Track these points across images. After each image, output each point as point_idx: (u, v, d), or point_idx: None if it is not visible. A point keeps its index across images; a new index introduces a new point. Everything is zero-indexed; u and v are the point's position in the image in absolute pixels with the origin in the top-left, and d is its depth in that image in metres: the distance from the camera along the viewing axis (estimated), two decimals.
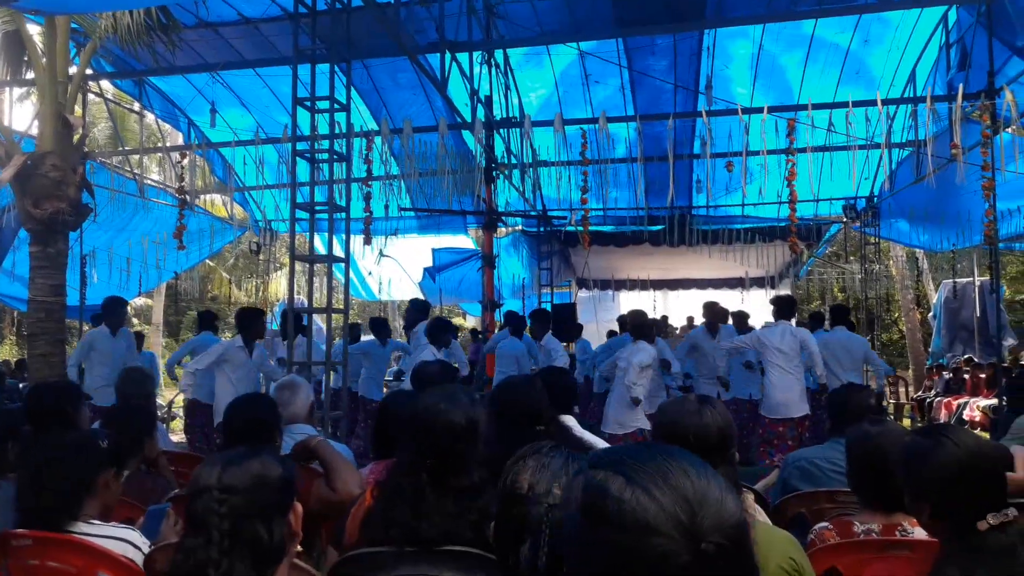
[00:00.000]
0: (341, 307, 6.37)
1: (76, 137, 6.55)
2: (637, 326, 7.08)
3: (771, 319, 7.67)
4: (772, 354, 7.08)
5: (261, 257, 14.97)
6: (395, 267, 14.05)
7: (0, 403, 8.45)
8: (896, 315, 22.23)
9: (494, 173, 10.17)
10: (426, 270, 13.14)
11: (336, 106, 6.13)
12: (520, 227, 13.88)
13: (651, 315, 8.91)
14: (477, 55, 8.97)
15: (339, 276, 11.09)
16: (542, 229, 13.29)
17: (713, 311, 8.90)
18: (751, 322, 9.72)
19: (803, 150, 7.78)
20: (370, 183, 9.93)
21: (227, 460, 1.60)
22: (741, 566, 0.87)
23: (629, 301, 17.20)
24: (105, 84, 10.92)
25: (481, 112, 9.04)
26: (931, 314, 17.10)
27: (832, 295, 23.24)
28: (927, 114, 7.71)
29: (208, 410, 7.17)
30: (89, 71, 8.09)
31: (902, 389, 14.39)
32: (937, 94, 8.26)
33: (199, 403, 7.50)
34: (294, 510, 1.63)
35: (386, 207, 10.39)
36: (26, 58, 7.17)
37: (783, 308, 7.39)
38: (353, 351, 9.05)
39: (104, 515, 2.49)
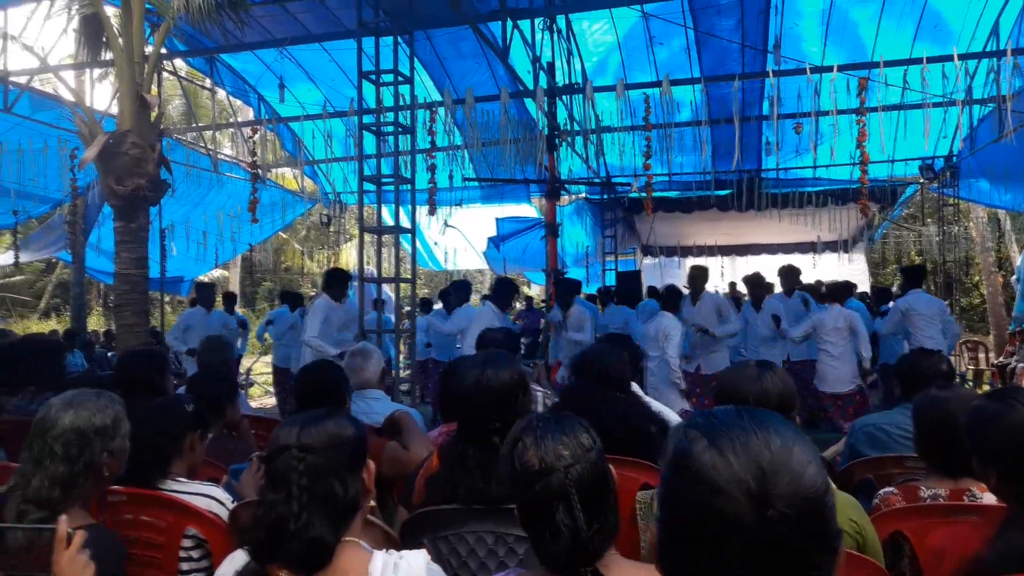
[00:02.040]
0: (408, 276, 6.49)
1: (153, 115, 6.78)
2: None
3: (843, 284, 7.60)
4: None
5: (331, 229, 15.28)
6: (460, 237, 14.19)
7: (92, 371, 8.91)
8: (976, 279, 21.40)
9: (556, 141, 10.12)
10: (490, 239, 13.22)
11: (400, 78, 6.19)
12: (583, 195, 13.82)
13: (719, 282, 8.78)
14: (539, 21, 8.91)
15: (406, 246, 11.27)
16: (605, 196, 13.21)
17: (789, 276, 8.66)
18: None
19: (875, 109, 7.53)
20: (434, 154, 10.02)
21: (304, 421, 1.70)
22: (812, 537, 0.90)
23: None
24: (178, 63, 11.24)
25: (543, 79, 8.99)
26: (1014, 277, 16.38)
27: (909, 259, 22.49)
28: (1010, 68, 7.35)
29: (286, 374, 7.44)
30: (163, 50, 8.35)
31: (982, 355, 13.90)
32: (1021, 47, 7.86)
33: (277, 368, 7.81)
34: (367, 468, 1.72)
35: (450, 177, 10.47)
36: (104, 39, 7.43)
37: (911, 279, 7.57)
38: (422, 324, 9.23)
39: (191, 474, 2.65)
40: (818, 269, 15.11)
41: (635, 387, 3.60)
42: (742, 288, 9.95)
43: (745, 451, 0.91)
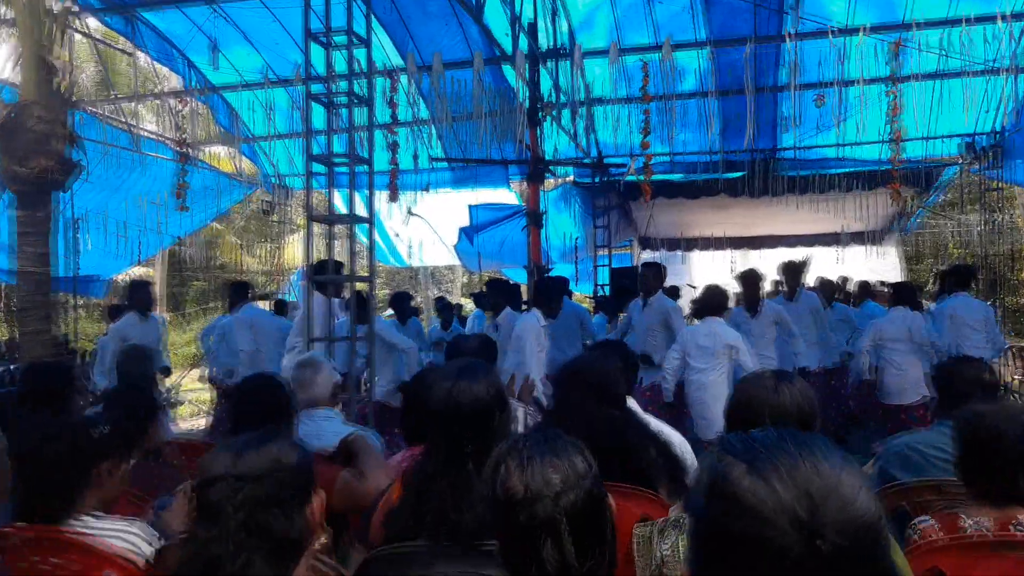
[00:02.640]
0: (366, 274, 6.47)
1: (62, 84, 6.70)
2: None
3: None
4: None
5: (274, 218, 15.19)
6: (426, 228, 14.16)
7: None
8: None
9: (540, 114, 10.14)
10: (462, 230, 13.21)
11: (355, 40, 6.17)
12: (571, 178, 13.84)
13: (730, 279, 8.78)
14: None
15: (363, 239, 11.17)
16: (597, 180, 13.24)
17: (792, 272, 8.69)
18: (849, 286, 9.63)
19: (909, 78, 7.61)
20: (396, 130, 10.01)
21: (241, 445, 1.68)
22: (867, 568, 0.92)
23: (702, 263, 17.08)
24: (92, 21, 11.12)
25: (523, 42, 9.00)
26: None
27: (947, 252, 22.75)
28: None
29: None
30: (73, 6, 8.25)
31: None
32: None
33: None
34: (315, 500, 1.71)
35: (415, 158, 10.47)
36: None
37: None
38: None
39: (106, 509, 2.61)
40: (844, 264, 15.23)
41: (632, 403, 3.61)
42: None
43: (791, 477, 0.94)
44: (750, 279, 8.04)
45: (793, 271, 8.47)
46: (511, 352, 6.71)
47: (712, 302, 6.91)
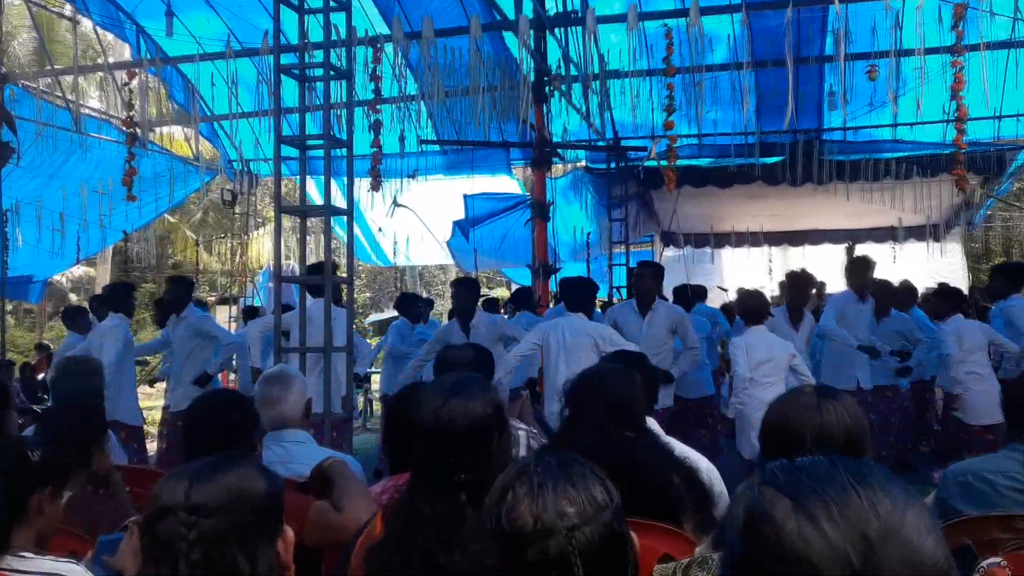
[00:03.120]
0: (344, 275, 6.47)
1: None
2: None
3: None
4: None
5: (237, 210, 15.19)
6: (414, 221, 14.17)
7: None
8: None
9: (547, 90, 10.14)
10: (456, 224, 13.20)
11: (332, 3, 6.18)
12: (583, 163, 13.86)
13: (765, 281, 8.76)
14: None
15: (340, 234, 11.16)
16: (613, 165, 13.26)
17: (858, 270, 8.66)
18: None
19: (977, 47, 7.61)
20: (379, 108, 10.01)
21: (197, 473, 1.68)
22: None
23: (734, 262, 17.07)
24: None
25: (528, 6, 9.01)
26: None
27: (1020, 247, 22.75)
28: None
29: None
30: None
31: None
32: None
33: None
34: (284, 536, 1.71)
35: (401, 140, 10.47)
36: None
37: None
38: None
39: (40, 546, 2.62)
40: (900, 264, 15.21)
41: (652, 424, 3.61)
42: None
43: (844, 515, 0.92)
44: (800, 281, 8.02)
45: (861, 267, 8.36)
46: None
47: (755, 309, 6.91)
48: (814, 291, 9.25)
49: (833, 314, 8.08)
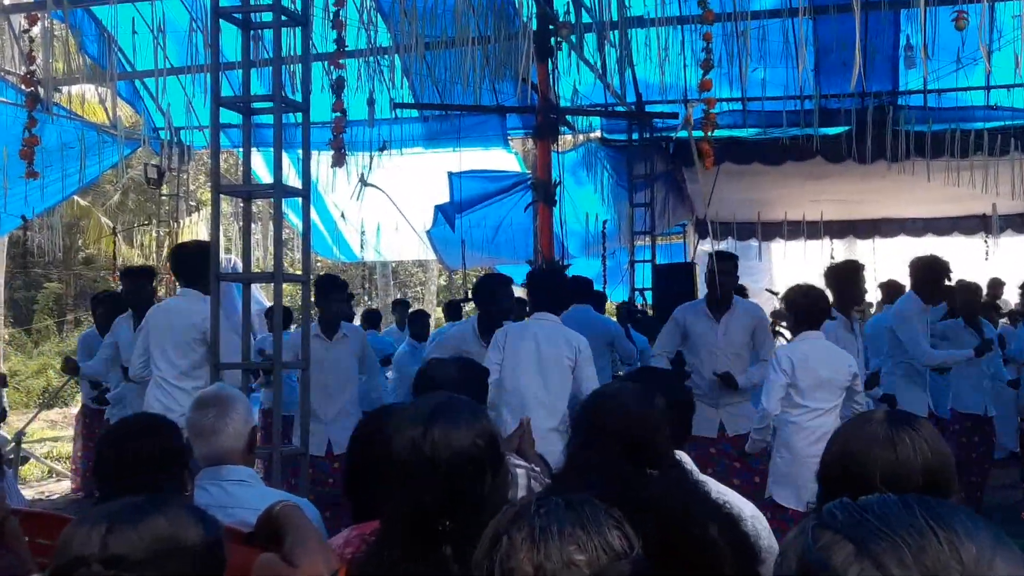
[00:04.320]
0: (300, 272, 6.47)
1: None
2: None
3: None
4: None
5: (164, 190, 15.18)
6: (387, 205, 14.14)
7: None
8: None
9: (553, 41, 10.15)
10: (439, 209, 13.20)
11: None
12: (598, 133, 13.86)
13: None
14: None
15: (294, 221, 11.12)
16: (636, 137, 13.24)
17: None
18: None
19: None
20: (343, 62, 10.00)
21: (115, 517, 1.69)
22: None
23: (788, 258, 17.06)
24: None
25: None
26: None
27: None
28: None
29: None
30: None
31: None
32: None
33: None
34: None
35: (370, 103, 10.44)
36: None
37: None
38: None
39: None
40: (993, 261, 15.20)
41: (683, 458, 3.61)
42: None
43: (919, 561, 0.93)
44: (848, 273, 8.08)
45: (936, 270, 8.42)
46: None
47: (810, 308, 6.84)
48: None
49: (920, 334, 8.10)
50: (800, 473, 6.37)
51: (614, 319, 12.27)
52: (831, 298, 7.80)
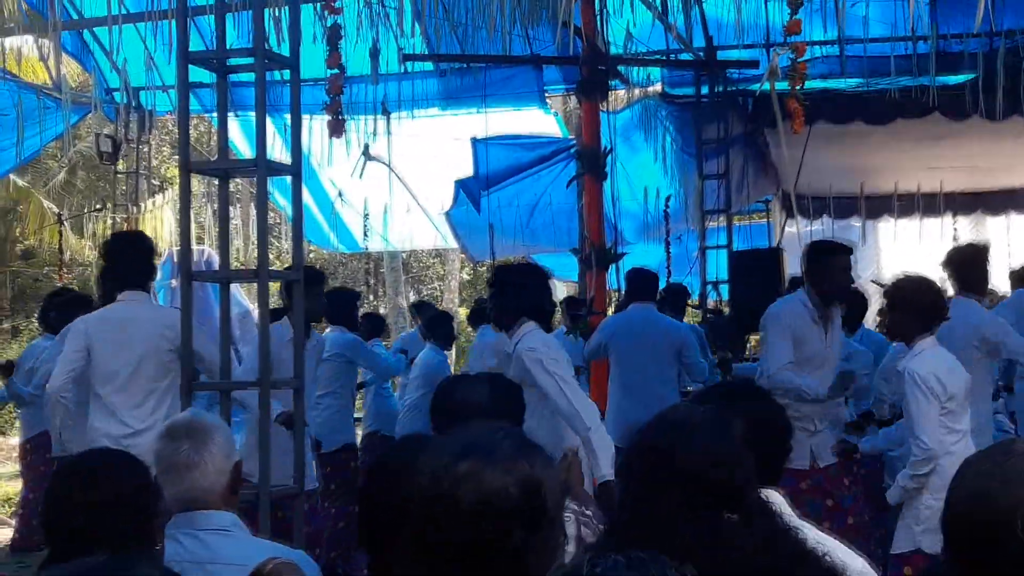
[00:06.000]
0: (287, 266, 6.49)
1: None
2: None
3: None
4: None
5: (121, 166, 15.27)
6: (396, 182, 14.17)
7: None
8: None
9: None
10: (460, 186, 13.21)
11: None
12: (659, 87, 13.83)
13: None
14: None
15: (281, 204, 11.18)
16: (705, 91, 13.22)
17: None
18: None
19: None
20: (338, 4, 10.03)
21: None
22: None
23: (899, 240, 16.98)
24: None
25: None
26: None
27: None
28: None
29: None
30: None
31: None
32: None
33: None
34: None
35: (374, 55, 10.48)
36: None
37: None
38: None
39: None
40: None
41: (772, 497, 3.59)
42: None
43: None
44: (972, 256, 8.13)
45: None
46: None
47: (936, 307, 6.82)
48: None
49: None
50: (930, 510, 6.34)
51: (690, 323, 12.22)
52: (952, 289, 7.84)
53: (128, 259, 7.11)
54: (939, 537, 6.39)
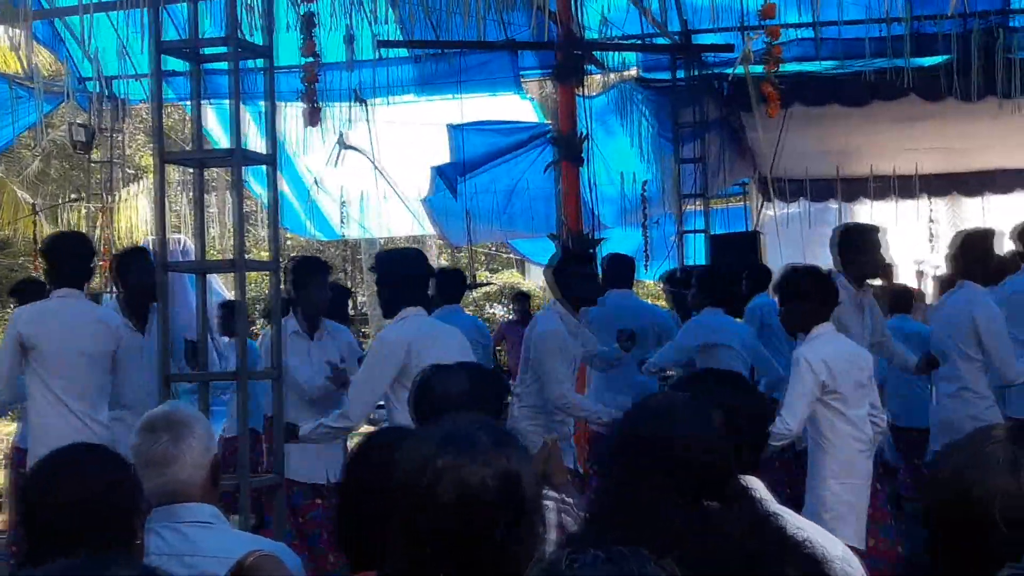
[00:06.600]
0: (267, 259, 6.48)
1: None
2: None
3: None
4: None
5: (96, 156, 15.21)
6: (372, 171, 14.14)
7: None
8: None
9: None
10: (437, 172, 13.20)
11: None
12: (635, 72, 13.82)
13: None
14: None
15: (257, 191, 11.17)
16: (682, 75, 13.21)
17: None
18: None
19: None
20: None
21: None
22: None
23: (877, 221, 16.97)
24: None
25: None
26: None
27: None
28: None
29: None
30: None
31: None
32: None
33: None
34: None
35: (349, 41, 10.46)
36: None
37: None
38: None
39: None
40: None
41: (754, 484, 3.60)
42: None
43: None
44: (982, 243, 8.16)
45: None
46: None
47: (832, 295, 6.90)
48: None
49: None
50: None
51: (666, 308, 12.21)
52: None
53: (69, 258, 7.12)
54: (847, 526, 6.45)
